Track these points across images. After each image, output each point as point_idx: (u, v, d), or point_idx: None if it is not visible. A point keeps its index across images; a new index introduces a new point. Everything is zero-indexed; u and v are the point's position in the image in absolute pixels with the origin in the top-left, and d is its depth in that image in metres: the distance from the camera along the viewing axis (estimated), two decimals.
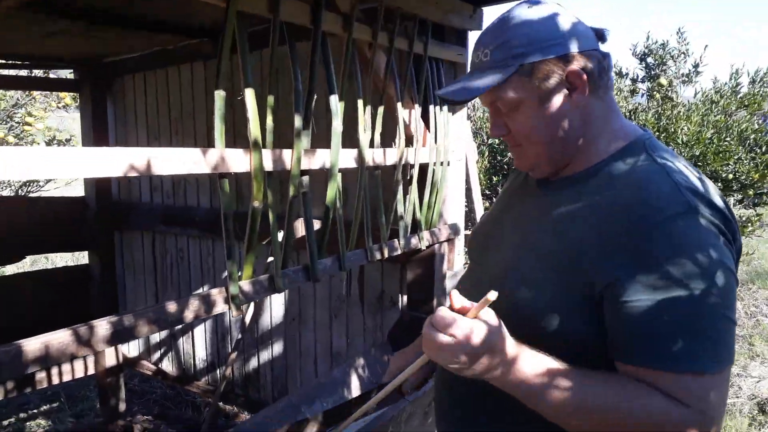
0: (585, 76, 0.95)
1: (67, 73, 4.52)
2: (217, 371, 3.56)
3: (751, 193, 3.79)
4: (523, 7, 0.98)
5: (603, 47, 1.00)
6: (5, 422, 3.60)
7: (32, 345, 1.01)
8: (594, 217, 0.91)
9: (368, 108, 1.89)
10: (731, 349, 0.85)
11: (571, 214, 0.96)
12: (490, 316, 0.88)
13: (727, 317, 0.84)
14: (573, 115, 0.97)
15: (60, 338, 1.06)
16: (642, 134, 1.00)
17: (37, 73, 5.09)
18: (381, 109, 1.97)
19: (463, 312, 0.88)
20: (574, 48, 0.94)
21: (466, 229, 2.79)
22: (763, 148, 3.73)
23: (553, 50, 0.94)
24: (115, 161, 1.12)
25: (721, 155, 3.66)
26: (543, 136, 0.98)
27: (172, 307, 1.28)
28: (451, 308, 0.89)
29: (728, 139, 3.77)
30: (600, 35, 1.00)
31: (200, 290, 3.54)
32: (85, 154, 1.07)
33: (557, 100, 0.96)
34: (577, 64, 0.95)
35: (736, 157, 3.76)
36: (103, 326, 1.13)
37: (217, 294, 1.40)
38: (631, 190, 0.89)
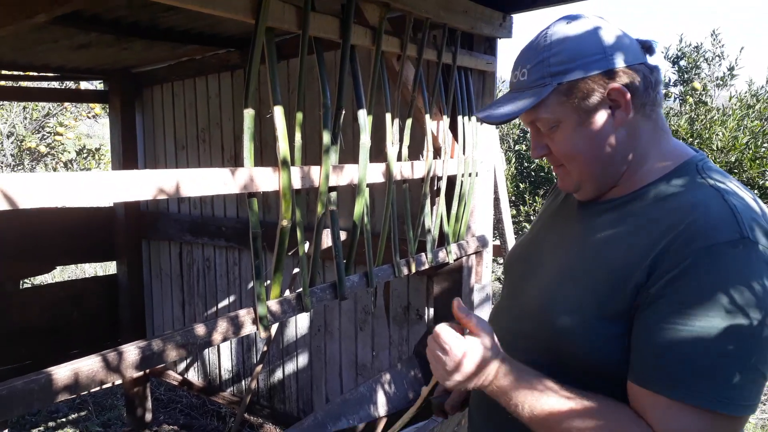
0: (628, 94, 0.89)
1: (97, 83, 4.58)
2: (242, 382, 3.55)
3: None
4: (562, 23, 0.93)
5: (651, 60, 0.94)
6: (34, 430, 3.65)
7: (62, 373, 1.00)
8: (640, 241, 0.86)
9: (396, 120, 1.86)
10: (756, 397, 0.78)
11: (614, 238, 0.91)
12: (484, 334, 0.92)
13: (757, 368, 0.77)
14: (618, 133, 0.92)
15: (89, 365, 1.04)
16: (694, 155, 0.94)
17: (69, 84, 5.17)
18: (409, 122, 1.93)
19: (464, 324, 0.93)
20: (617, 63, 0.89)
21: (493, 239, 2.73)
22: None
23: (594, 66, 0.89)
24: (144, 185, 1.10)
25: (758, 162, 3.54)
26: (585, 156, 0.93)
27: (200, 330, 1.25)
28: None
29: (765, 144, 3.65)
30: (648, 48, 0.94)
31: (226, 300, 3.54)
32: (115, 179, 1.06)
33: (599, 119, 0.91)
34: (620, 81, 0.89)
35: None
36: (131, 352, 1.11)
37: (245, 315, 1.37)
38: (681, 213, 0.83)
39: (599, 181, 0.96)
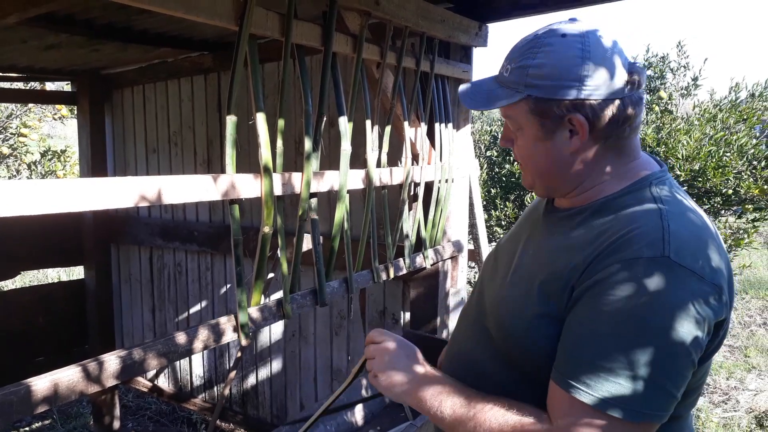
0: (587, 125, 0.90)
1: (64, 84, 4.47)
2: (215, 388, 3.51)
3: (750, 208, 3.79)
4: (557, 34, 0.92)
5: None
6: None
7: (41, 384, 0.98)
8: (582, 248, 0.89)
9: (376, 127, 1.87)
10: (656, 407, 0.80)
11: (562, 244, 0.94)
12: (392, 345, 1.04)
13: (657, 379, 0.79)
14: (572, 156, 0.95)
15: (69, 375, 1.02)
16: (651, 173, 0.96)
17: (33, 84, 5.03)
18: (388, 129, 1.95)
19: None
20: (587, 95, 0.89)
21: (468, 244, 2.76)
22: (762, 163, 3.73)
23: (565, 92, 0.89)
24: (126, 192, 1.09)
25: (721, 170, 3.66)
26: (536, 166, 0.98)
27: (181, 338, 1.24)
28: None
29: (728, 153, 3.78)
30: (637, 81, 0.92)
31: (198, 306, 3.49)
32: (95, 186, 1.04)
33: (557, 139, 0.94)
34: (583, 112, 0.90)
35: (735, 172, 3.76)
36: (112, 361, 1.09)
37: (226, 322, 1.37)
38: (620, 226, 0.87)
39: (549, 188, 1.01)
